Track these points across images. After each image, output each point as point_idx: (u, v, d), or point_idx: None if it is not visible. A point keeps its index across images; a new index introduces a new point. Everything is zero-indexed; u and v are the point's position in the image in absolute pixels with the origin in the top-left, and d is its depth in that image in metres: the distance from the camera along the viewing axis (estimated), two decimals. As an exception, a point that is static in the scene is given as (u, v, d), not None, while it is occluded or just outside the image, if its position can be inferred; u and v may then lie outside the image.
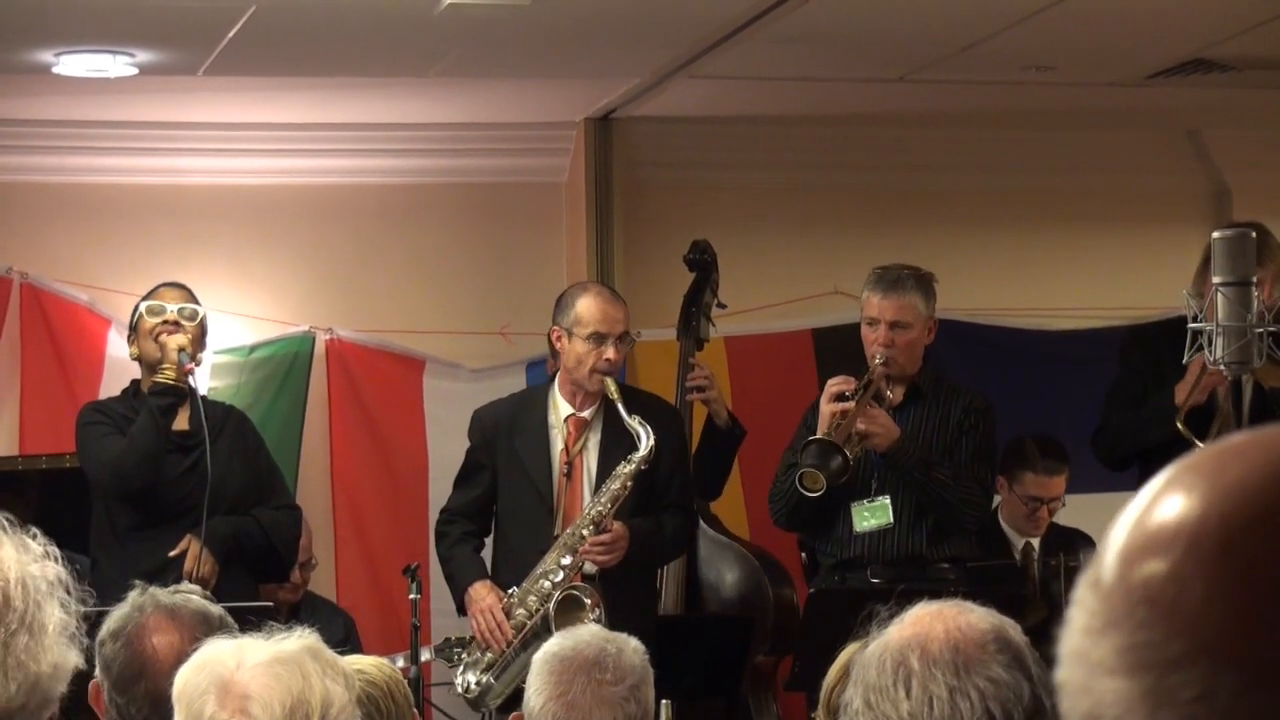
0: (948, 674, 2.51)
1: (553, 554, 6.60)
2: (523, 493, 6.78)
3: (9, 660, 2.29)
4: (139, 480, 6.69)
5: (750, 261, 8.49)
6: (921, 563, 6.74)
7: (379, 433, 8.57)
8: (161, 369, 6.78)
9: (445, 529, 6.91)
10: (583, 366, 6.69)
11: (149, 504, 6.73)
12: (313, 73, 7.76)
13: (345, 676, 2.84)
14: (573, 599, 6.52)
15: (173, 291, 6.94)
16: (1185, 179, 9.36)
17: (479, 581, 6.71)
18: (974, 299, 8.95)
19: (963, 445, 6.79)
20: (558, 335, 6.77)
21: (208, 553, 6.68)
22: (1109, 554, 1.19)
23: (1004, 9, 6.93)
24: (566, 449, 6.76)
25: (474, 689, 6.70)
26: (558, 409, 6.82)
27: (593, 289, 6.89)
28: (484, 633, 6.65)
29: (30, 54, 7.24)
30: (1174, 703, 1.12)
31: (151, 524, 6.72)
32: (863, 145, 9.08)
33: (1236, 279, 5.60)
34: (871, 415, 6.66)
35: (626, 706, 3.89)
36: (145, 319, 6.83)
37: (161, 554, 6.64)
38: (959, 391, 6.94)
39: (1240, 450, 1.19)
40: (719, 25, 7.06)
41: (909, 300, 6.74)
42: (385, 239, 8.81)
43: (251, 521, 6.84)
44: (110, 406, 6.95)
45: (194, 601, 3.60)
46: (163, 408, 6.75)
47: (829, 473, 6.50)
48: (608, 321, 6.71)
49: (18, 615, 2.31)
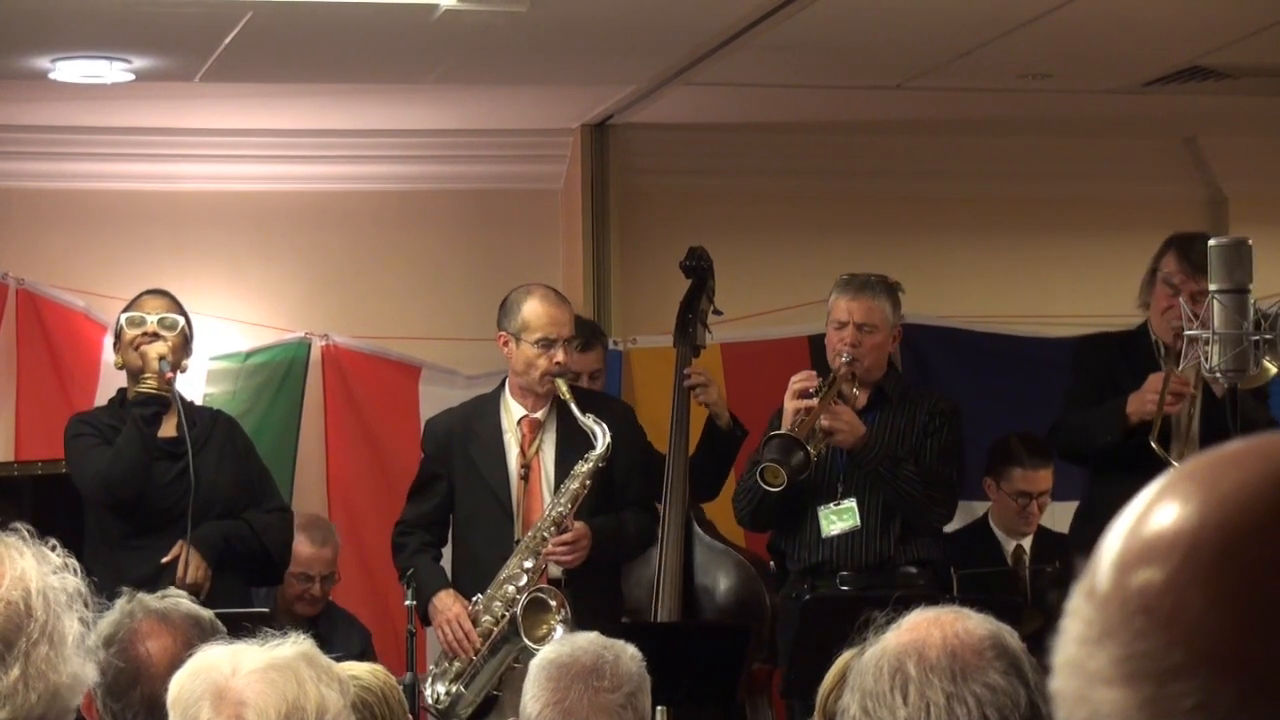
0: (945, 680, 2.50)
1: (515, 558, 6.59)
2: (481, 499, 6.76)
3: (30, 670, 2.30)
4: (127, 490, 6.69)
5: (746, 268, 8.48)
6: (891, 566, 6.77)
7: (375, 439, 8.56)
8: (143, 379, 6.78)
9: (403, 540, 6.87)
10: (533, 370, 6.69)
11: (139, 512, 6.73)
12: (309, 79, 7.76)
13: (340, 682, 2.83)
14: (538, 601, 6.52)
15: (154, 300, 6.93)
16: (1182, 186, 9.36)
17: (443, 591, 6.69)
18: (970, 306, 8.96)
19: (928, 447, 6.83)
20: (504, 340, 6.77)
21: (199, 558, 6.67)
22: (1104, 562, 1.18)
23: (1001, 16, 6.93)
24: (522, 451, 6.75)
25: (444, 699, 6.67)
26: (510, 412, 6.81)
27: (537, 292, 6.85)
28: (451, 642, 6.63)
29: (27, 60, 7.23)
30: (1173, 712, 1.11)
31: (143, 532, 6.72)
32: (859, 152, 9.08)
33: (1233, 286, 5.60)
34: (836, 412, 6.70)
35: (623, 714, 3.89)
36: (126, 330, 6.84)
37: (154, 561, 6.63)
38: (925, 395, 7.02)
39: (1236, 458, 1.19)
40: (715, 32, 7.05)
41: (877, 304, 6.81)
42: (381, 245, 8.81)
43: (243, 525, 6.83)
44: (97, 418, 6.96)
45: (184, 605, 3.60)
46: (146, 417, 6.75)
47: (790, 468, 6.52)
48: (555, 325, 6.71)
49: (39, 625, 2.32)
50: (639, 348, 8.72)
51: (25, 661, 2.30)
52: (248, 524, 6.85)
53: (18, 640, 2.31)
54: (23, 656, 2.30)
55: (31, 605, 2.32)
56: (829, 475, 6.80)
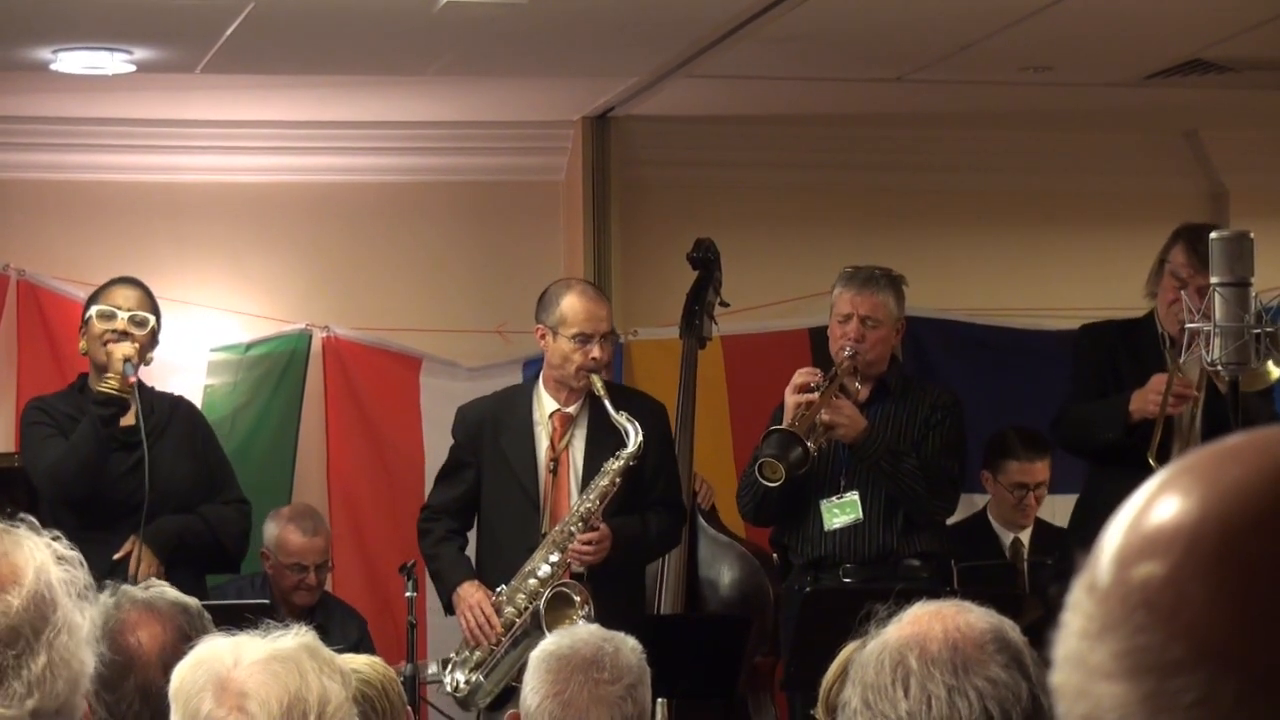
0: (946, 674, 2.51)
1: (541, 551, 6.58)
2: (509, 490, 6.75)
3: (54, 658, 2.35)
4: (78, 489, 6.62)
5: (747, 261, 8.48)
6: (893, 559, 6.76)
7: (375, 431, 8.57)
8: (105, 378, 6.67)
9: (428, 526, 6.85)
10: (569, 365, 6.68)
11: (93, 505, 6.64)
12: (310, 71, 7.76)
13: (342, 674, 2.84)
14: (562, 596, 6.50)
15: (126, 292, 6.80)
16: (1182, 179, 9.36)
17: (467, 581, 6.68)
18: (971, 298, 8.96)
19: (930, 440, 6.82)
20: (541, 334, 6.75)
21: (150, 554, 6.59)
22: (1105, 557, 1.18)
23: (1002, 9, 6.93)
24: (552, 445, 6.73)
25: (463, 688, 6.67)
26: (542, 405, 6.79)
27: (576, 287, 6.85)
28: (473, 630, 6.62)
29: (28, 50, 7.23)
30: (1174, 707, 1.11)
31: (97, 525, 6.56)
32: (860, 145, 9.08)
33: (1235, 280, 5.60)
34: (837, 406, 6.69)
35: (623, 706, 3.89)
36: (95, 323, 6.71)
37: (108, 556, 6.48)
38: (927, 388, 7.01)
39: (1238, 452, 1.18)
40: (717, 24, 7.05)
41: (882, 298, 6.78)
42: (382, 237, 8.81)
43: (198, 520, 6.75)
44: (54, 405, 6.84)
45: (170, 593, 3.60)
46: (104, 418, 6.65)
47: (788, 463, 6.51)
48: (593, 321, 6.69)
49: (61, 615, 2.37)
50: (640, 339, 8.73)
51: (50, 650, 2.35)
52: (203, 518, 6.76)
53: (44, 629, 2.36)
54: (48, 646, 2.35)
55: (56, 596, 2.37)
56: (831, 468, 6.79)
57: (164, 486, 6.65)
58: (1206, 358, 5.81)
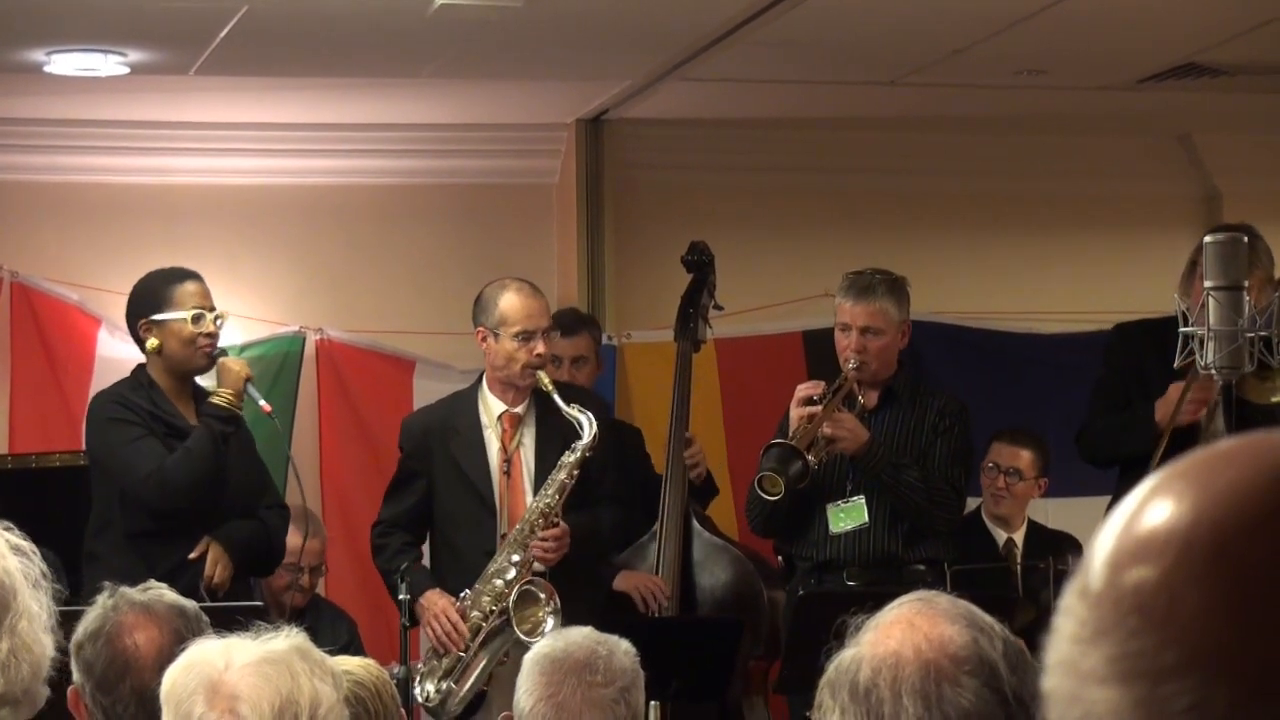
0: (918, 705, 2.47)
1: (503, 552, 6.57)
2: (463, 496, 6.73)
3: (17, 644, 2.36)
4: (184, 501, 6.36)
5: (741, 264, 8.48)
6: (898, 564, 6.75)
7: (369, 433, 8.56)
8: (220, 391, 6.49)
9: (383, 541, 6.80)
10: (514, 364, 6.66)
11: (174, 512, 6.41)
12: (304, 73, 7.76)
13: (334, 676, 2.83)
14: (528, 594, 6.51)
15: (201, 289, 6.54)
16: (1176, 183, 9.37)
17: (430, 590, 6.64)
18: (964, 302, 8.96)
19: (937, 447, 6.79)
20: (482, 336, 6.73)
21: (226, 557, 6.45)
22: (1097, 561, 1.17)
23: (995, 13, 6.93)
24: (504, 447, 6.73)
25: (434, 697, 6.63)
26: (489, 408, 6.78)
27: (513, 286, 6.79)
28: (440, 636, 6.60)
29: (21, 53, 7.23)
30: (1167, 712, 1.11)
31: (172, 526, 6.40)
32: (854, 148, 9.08)
33: (1228, 283, 5.60)
34: (839, 419, 6.66)
35: (616, 709, 3.89)
36: (188, 325, 6.43)
37: (178, 556, 6.36)
38: (934, 394, 6.95)
39: (1230, 456, 1.18)
40: (711, 28, 7.06)
41: (880, 306, 6.73)
42: (376, 240, 8.81)
43: (260, 526, 6.64)
44: (133, 401, 6.47)
45: (167, 596, 3.59)
46: (225, 435, 6.44)
47: (788, 477, 6.50)
48: (534, 317, 6.69)
49: (20, 602, 2.38)
50: (633, 342, 8.73)
51: (13, 636, 2.36)
52: (263, 523, 6.66)
53: (5, 616, 2.37)
54: (10, 632, 2.35)
55: (15, 584, 2.37)
56: (838, 473, 6.77)
57: (234, 490, 6.51)
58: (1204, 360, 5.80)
